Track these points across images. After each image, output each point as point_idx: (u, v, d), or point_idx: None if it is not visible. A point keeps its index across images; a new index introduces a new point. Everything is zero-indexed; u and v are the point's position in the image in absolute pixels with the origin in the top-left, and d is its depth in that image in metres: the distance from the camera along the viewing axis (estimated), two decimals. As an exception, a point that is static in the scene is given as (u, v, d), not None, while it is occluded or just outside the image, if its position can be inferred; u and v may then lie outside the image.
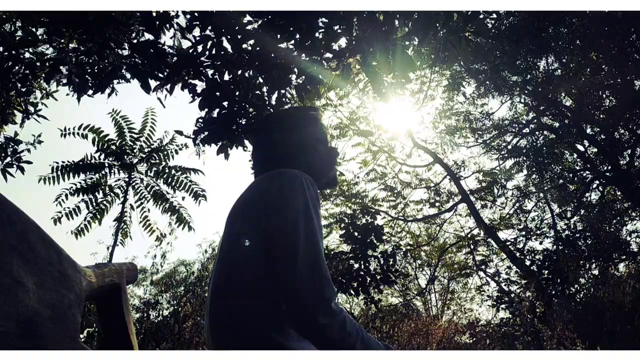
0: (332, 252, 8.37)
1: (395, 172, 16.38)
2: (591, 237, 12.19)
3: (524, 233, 15.42)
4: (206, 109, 4.33)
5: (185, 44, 3.96)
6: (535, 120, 15.24)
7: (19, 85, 6.15)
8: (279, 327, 1.31)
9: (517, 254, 13.11)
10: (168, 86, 3.93)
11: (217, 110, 4.28)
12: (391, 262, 7.62)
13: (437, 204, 16.53)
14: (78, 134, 9.52)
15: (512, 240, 15.12)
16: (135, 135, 10.19)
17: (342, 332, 1.27)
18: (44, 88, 6.50)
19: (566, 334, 5.83)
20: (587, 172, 14.95)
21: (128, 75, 4.08)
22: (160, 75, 3.56)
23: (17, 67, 5.13)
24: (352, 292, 7.43)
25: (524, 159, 15.35)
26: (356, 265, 7.57)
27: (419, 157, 16.81)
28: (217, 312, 1.39)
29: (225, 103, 4.24)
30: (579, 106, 13.35)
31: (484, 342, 8.91)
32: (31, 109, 6.33)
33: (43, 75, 4.07)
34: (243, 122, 4.30)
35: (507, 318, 9.10)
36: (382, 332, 7.61)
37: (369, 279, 7.48)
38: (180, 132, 4.65)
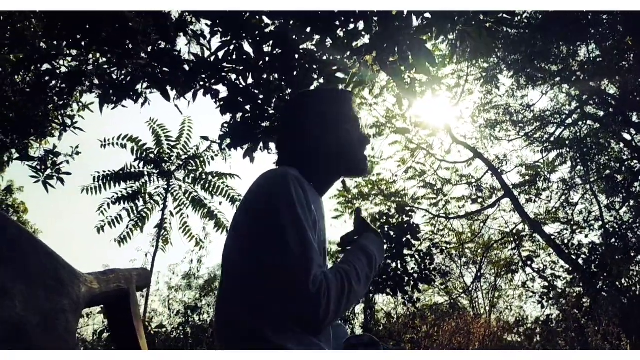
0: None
1: (434, 169, 16.13)
2: (641, 228, 11.75)
3: (569, 226, 14.95)
4: (230, 114, 4.37)
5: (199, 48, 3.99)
6: (579, 110, 14.77)
7: (56, 99, 6.34)
8: (278, 328, 1.29)
9: (564, 249, 12.72)
10: (190, 94, 3.98)
11: (240, 114, 4.31)
12: (428, 261, 7.51)
13: (479, 200, 16.19)
14: (117, 144, 9.77)
15: (558, 234, 14.67)
16: (173, 143, 10.39)
17: (341, 284, 1.27)
18: (80, 101, 6.69)
19: (611, 329, 5.62)
20: (635, 161, 14.38)
21: (155, 84, 4.16)
22: (179, 82, 3.60)
23: (54, 82, 5.30)
24: (389, 292, 7.36)
25: (568, 150, 14.89)
26: (393, 265, 7.48)
27: (458, 153, 16.38)
28: (220, 311, 1.40)
29: (247, 107, 4.26)
30: (623, 93, 12.87)
31: (530, 340, 8.68)
32: (68, 121, 6.52)
33: (67, 86, 4.17)
34: (266, 125, 4.31)
35: (552, 315, 8.84)
36: (420, 331, 7.51)
37: (406, 278, 7.39)
38: (206, 138, 4.72)
